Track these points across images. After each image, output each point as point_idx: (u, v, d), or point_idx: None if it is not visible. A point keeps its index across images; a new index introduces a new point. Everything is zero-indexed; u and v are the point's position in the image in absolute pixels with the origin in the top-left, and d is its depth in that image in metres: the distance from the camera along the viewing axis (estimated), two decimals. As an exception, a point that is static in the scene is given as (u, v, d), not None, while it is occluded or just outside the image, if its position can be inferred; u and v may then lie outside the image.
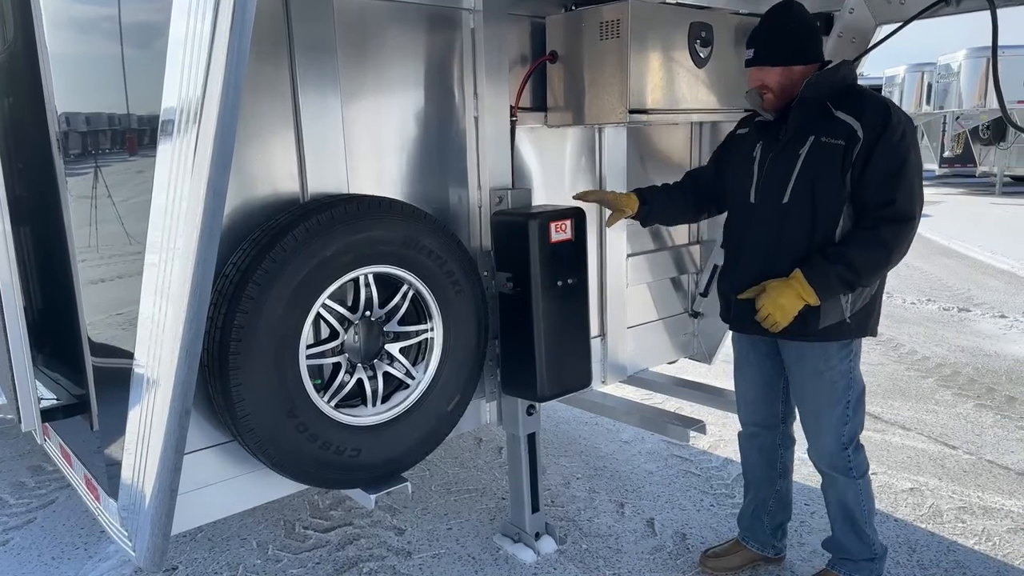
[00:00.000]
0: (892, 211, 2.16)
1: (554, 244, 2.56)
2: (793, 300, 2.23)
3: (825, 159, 2.22)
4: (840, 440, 2.42)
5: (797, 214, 2.27)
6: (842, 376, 2.37)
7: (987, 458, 3.66)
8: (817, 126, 2.24)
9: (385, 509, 3.30)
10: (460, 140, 2.71)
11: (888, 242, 2.18)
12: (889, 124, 2.16)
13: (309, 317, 2.12)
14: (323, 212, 2.11)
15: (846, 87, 2.28)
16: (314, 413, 2.16)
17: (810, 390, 2.43)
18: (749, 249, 2.42)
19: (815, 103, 2.26)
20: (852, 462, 2.45)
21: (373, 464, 2.31)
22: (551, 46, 2.87)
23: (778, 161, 2.33)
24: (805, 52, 2.31)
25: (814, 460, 2.53)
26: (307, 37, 2.24)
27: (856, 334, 2.36)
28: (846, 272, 2.19)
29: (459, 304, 2.44)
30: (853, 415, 2.41)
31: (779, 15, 2.34)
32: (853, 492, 2.48)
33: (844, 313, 2.30)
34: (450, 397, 2.47)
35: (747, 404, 2.70)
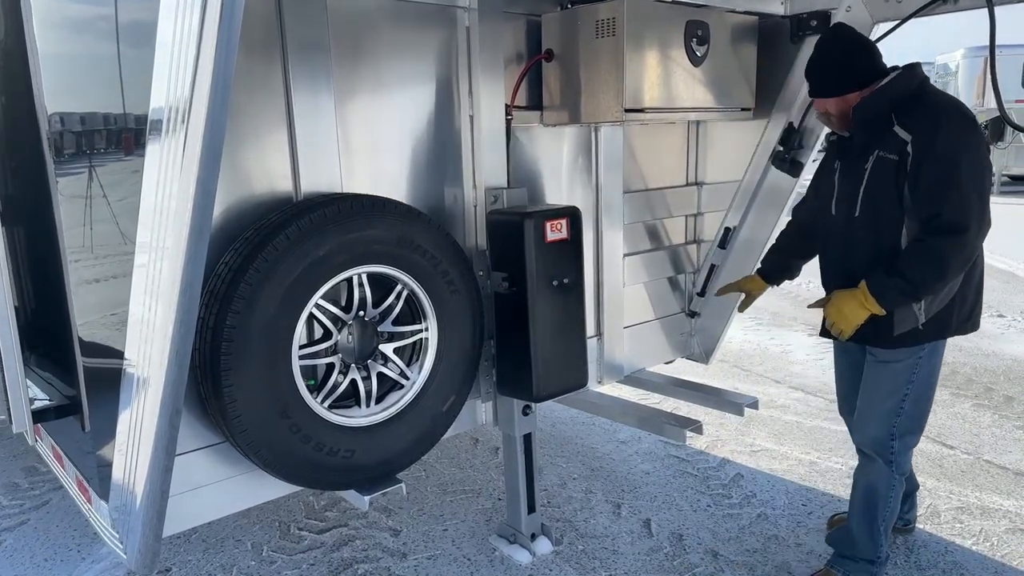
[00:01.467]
0: (939, 223, 2.17)
1: (549, 243, 2.55)
2: (856, 309, 2.30)
3: (884, 174, 2.28)
4: (889, 429, 2.45)
5: (865, 226, 2.36)
6: (905, 369, 2.40)
7: (985, 458, 3.65)
8: (879, 141, 2.29)
9: (380, 510, 3.28)
10: (455, 139, 2.69)
11: (938, 254, 2.17)
12: (937, 135, 2.16)
13: (302, 317, 2.10)
14: (316, 211, 2.09)
15: (910, 95, 2.28)
16: (307, 414, 2.15)
17: (872, 377, 2.48)
18: (830, 259, 2.56)
19: (876, 119, 2.29)
20: (895, 454, 2.47)
21: (367, 465, 2.30)
22: (547, 44, 2.86)
23: (849, 176, 2.41)
24: (857, 78, 2.33)
25: (857, 441, 2.56)
26: (300, 36, 2.22)
27: (935, 337, 2.37)
28: (903, 284, 2.22)
29: (454, 304, 2.43)
30: (909, 410, 2.43)
31: (828, 45, 2.39)
32: (886, 482, 2.49)
33: (918, 320, 2.32)
34: (445, 397, 2.45)
35: (843, 392, 2.79)
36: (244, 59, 2.15)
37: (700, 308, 3.72)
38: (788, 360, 5.34)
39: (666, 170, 3.52)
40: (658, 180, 3.49)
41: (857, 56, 2.36)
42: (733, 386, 4.81)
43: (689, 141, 3.58)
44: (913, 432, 2.49)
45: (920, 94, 2.29)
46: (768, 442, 3.91)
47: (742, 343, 5.78)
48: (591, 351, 3.32)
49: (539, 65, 2.89)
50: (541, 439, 4.02)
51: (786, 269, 2.93)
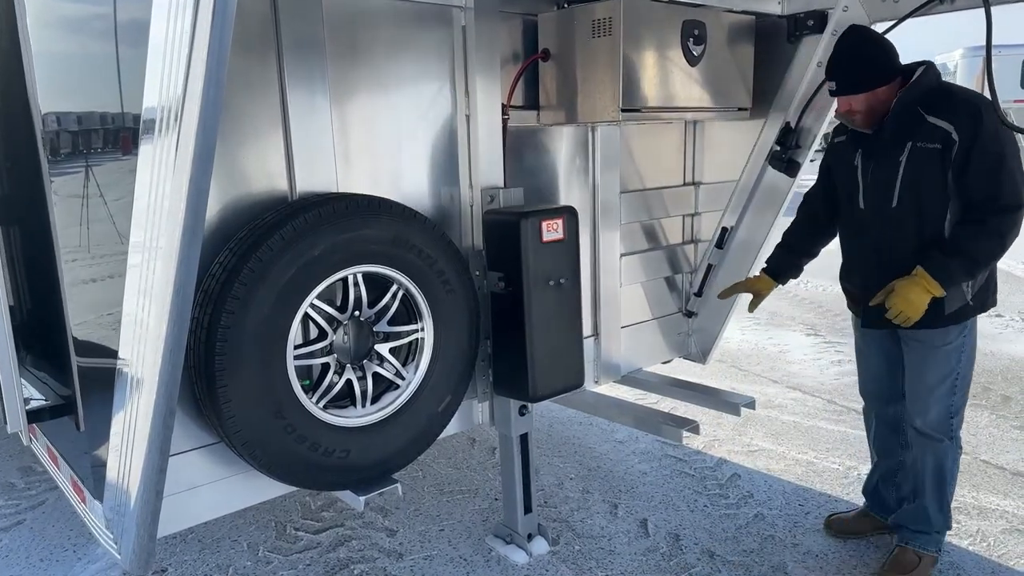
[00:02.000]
0: (999, 204, 2.31)
1: (546, 243, 2.54)
2: (921, 295, 2.37)
3: (925, 163, 2.36)
4: (949, 409, 2.58)
5: (905, 216, 2.43)
6: (955, 350, 2.52)
7: (982, 458, 3.65)
8: (912, 132, 2.38)
9: (377, 510, 3.28)
10: (452, 138, 2.69)
11: (1000, 230, 2.32)
12: (982, 123, 2.27)
13: (296, 317, 2.10)
14: (310, 211, 2.09)
15: (932, 89, 2.41)
16: (302, 414, 2.14)
17: (926, 363, 2.56)
18: (865, 252, 2.59)
19: (907, 112, 2.39)
20: (954, 429, 2.62)
21: (363, 465, 2.29)
22: (543, 44, 2.85)
23: (880, 169, 2.47)
24: (885, 73, 2.42)
25: (919, 426, 2.63)
26: (295, 35, 2.22)
27: (978, 311, 2.51)
28: (966, 263, 2.35)
29: (450, 304, 2.42)
30: (961, 385, 2.57)
31: (852, 42, 2.46)
32: (953, 457, 2.64)
33: (967, 296, 2.45)
34: (441, 398, 2.45)
35: (870, 379, 2.86)
36: (239, 58, 2.16)
37: (697, 308, 3.72)
38: (786, 360, 5.34)
39: (664, 170, 3.52)
40: (656, 180, 3.49)
41: (883, 52, 2.46)
42: (731, 386, 4.81)
43: (687, 141, 3.57)
44: (964, 406, 2.63)
45: (943, 87, 2.43)
46: (766, 442, 3.91)
47: (740, 343, 5.77)
48: (588, 351, 3.32)
49: (536, 65, 2.89)
50: (538, 439, 4.01)
51: (795, 267, 2.97)
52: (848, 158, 2.62)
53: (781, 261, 2.99)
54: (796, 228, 2.96)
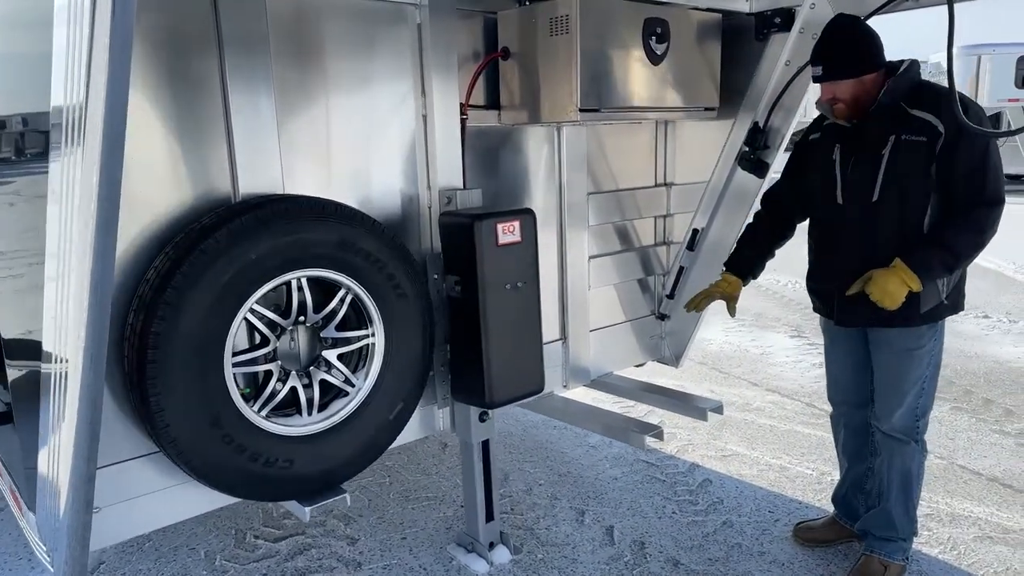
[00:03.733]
0: (983, 197, 2.30)
1: (502, 246, 2.48)
2: (899, 286, 2.34)
3: (909, 156, 2.34)
4: (915, 412, 2.57)
5: (887, 210, 2.40)
6: (927, 353, 2.51)
7: (959, 463, 3.59)
8: (896, 125, 2.36)
9: (340, 518, 3.22)
10: (408, 139, 2.63)
11: (982, 224, 2.31)
12: (967, 117, 2.23)
13: (234, 324, 2.04)
14: (248, 214, 2.03)
15: (915, 85, 2.40)
16: (242, 424, 2.08)
17: (896, 366, 2.54)
18: (842, 248, 2.53)
19: (891, 106, 2.38)
20: (920, 432, 2.60)
21: (307, 476, 2.23)
22: (503, 42, 2.79)
23: (861, 163, 2.43)
24: (873, 61, 2.40)
25: (887, 428, 2.61)
26: (236, 32, 2.16)
27: (950, 312, 2.50)
28: (947, 256, 2.32)
29: (401, 309, 2.36)
30: (928, 387, 2.56)
31: (841, 29, 2.42)
32: (918, 461, 2.62)
33: (941, 295, 2.43)
34: (392, 405, 2.39)
35: (838, 384, 2.82)
36: (177, 56, 2.10)
37: (670, 311, 3.66)
38: (767, 362, 5.28)
39: (634, 171, 3.46)
40: (626, 181, 3.43)
41: (873, 39, 2.43)
42: (710, 389, 4.76)
43: (658, 141, 3.52)
44: (929, 408, 2.61)
45: (925, 84, 2.43)
46: (740, 446, 3.85)
47: (722, 344, 5.72)
48: (556, 355, 3.27)
49: (496, 64, 2.83)
50: (511, 444, 3.96)
51: (758, 266, 2.91)
52: (824, 154, 2.57)
53: (745, 260, 2.91)
54: (759, 226, 2.90)
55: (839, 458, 2.92)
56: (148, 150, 2.07)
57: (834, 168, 2.53)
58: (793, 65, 2.95)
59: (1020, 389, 4.60)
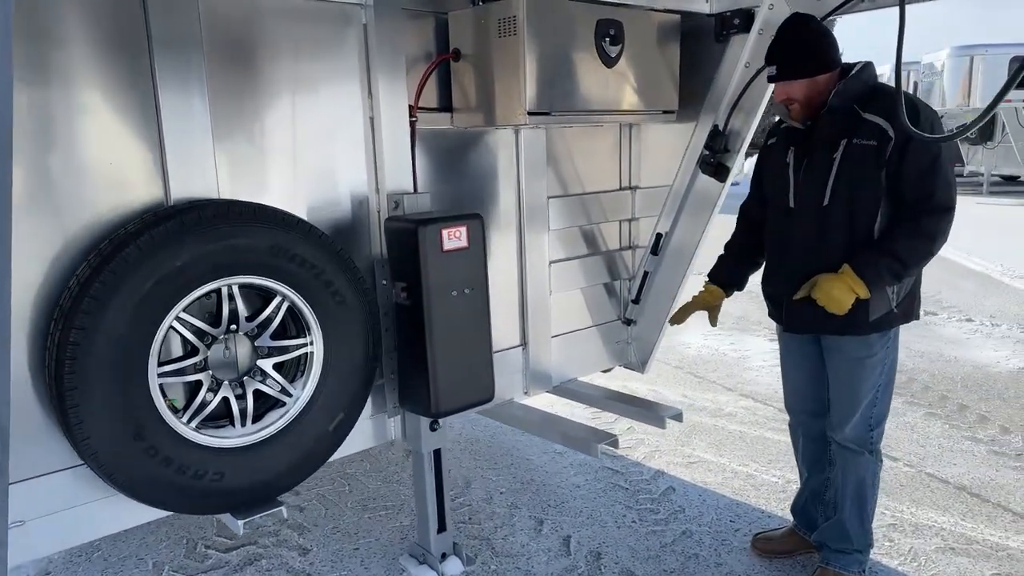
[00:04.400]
0: (932, 203, 2.25)
1: (447, 252, 2.43)
2: (845, 292, 2.30)
3: (859, 160, 2.29)
4: (868, 421, 2.51)
5: (837, 215, 2.35)
6: (879, 362, 2.45)
7: (927, 471, 3.54)
8: (848, 129, 2.32)
9: (294, 527, 3.16)
10: (355, 142, 2.57)
11: (931, 232, 2.26)
12: (918, 122, 2.19)
13: (159, 333, 1.98)
14: (172, 220, 1.97)
15: (870, 88, 2.37)
16: (168, 435, 2.03)
17: (848, 375, 2.49)
18: (791, 251, 2.50)
19: (843, 108, 2.33)
20: (874, 442, 2.55)
21: (239, 488, 2.17)
22: (454, 43, 2.74)
23: (813, 166, 2.40)
24: (827, 61, 2.37)
25: (840, 439, 2.56)
26: (167, 31, 2.10)
27: (902, 321, 2.45)
28: (894, 263, 2.27)
29: (341, 316, 2.31)
30: (882, 397, 2.50)
31: (795, 29, 2.39)
32: (872, 471, 2.56)
33: (891, 304, 2.38)
34: (332, 416, 2.34)
35: (795, 393, 2.77)
36: (105, 57, 2.04)
37: (635, 316, 3.60)
38: (743, 367, 5.22)
39: (598, 174, 3.40)
40: (589, 184, 3.37)
41: (826, 39, 2.40)
42: (683, 394, 4.71)
43: (622, 144, 3.46)
44: (884, 418, 2.55)
45: (880, 87, 2.39)
46: (707, 453, 3.80)
47: (700, 348, 5.66)
48: (516, 361, 3.22)
49: (447, 65, 2.77)
50: (476, 450, 3.90)
51: (739, 277, 2.86)
52: (780, 157, 2.54)
53: (725, 271, 2.87)
54: (737, 238, 2.86)
55: (799, 467, 2.87)
56: (74, 155, 2.02)
57: (787, 171, 2.50)
58: (752, 67, 2.90)
59: (996, 395, 4.55)
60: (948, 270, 8.37)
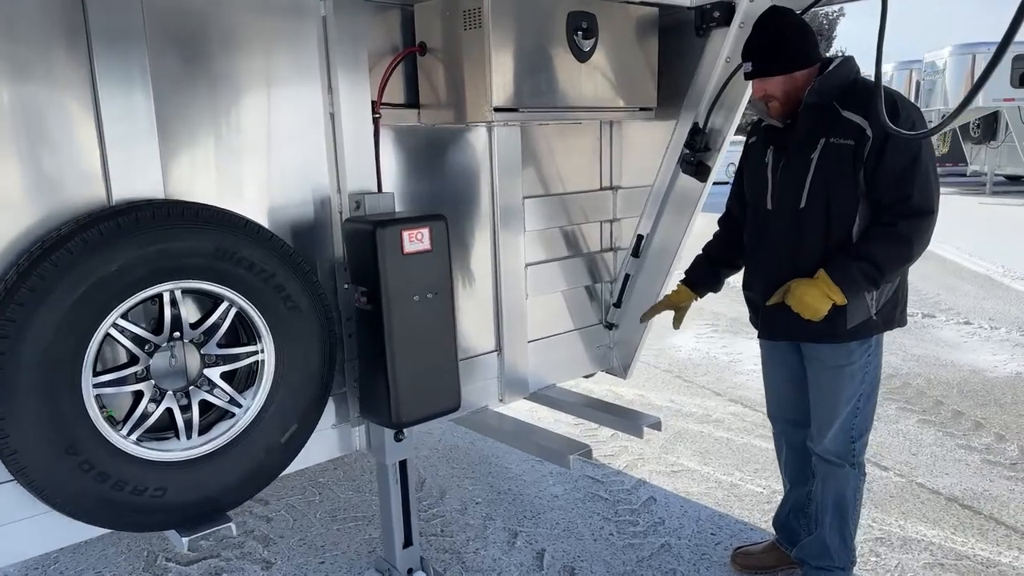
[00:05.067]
0: (909, 206, 2.14)
1: (408, 255, 2.31)
2: (820, 298, 2.19)
3: (836, 160, 2.19)
4: (850, 433, 2.40)
5: (814, 217, 2.26)
6: (860, 370, 2.35)
7: (918, 481, 3.42)
8: (826, 128, 2.22)
9: (259, 539, 3.05)
10: (313, 140, 2.46)
11: (909, 236, 2.15)
12: (897, 119, 2.08)
13: (93, 341, 1.87)
14: (107, 222, 1.86)
15: (850, 84, 2.25)
16: (104, 449, 1.92)
17: (827, 384, 2.39)
18: (768, 254, 2.41)
19: (821, 106, 2.23)
20: (857, 455, 2.43)
21: (183, 504, 2.06)
22: (420, 36, 2.62)
23: (790, 167, 2.30)
24: (805, 56, 2.27)
25: (819, 451, 2.46)
26: (105, 24, 1.99)
27: (883, 328, 2.34)
28: (870, 269, 2.16)
29: (294, 323, 2.19)
30: (863, 407, 2.39)
31: (771, 23, 2.29)
32: (854, 486, 2.45)
33: (871, 311, 2.28)
34: (284, 427, 2.22)
35: (776, 402, 2.68)
36: (41, 51, 1.93)
37: (617, 319, 3.49)
38: (734, 371, 5.10)
39: (577, 173, 3.29)
40: (568, 184, 3.25)
41: (805, 34, 2.29)
42: (670, 398, 4.59)
43: (603, 143, 3.35)
44: (867, 429, 2.45)
45: (861, 82, 2.27)
46: (692, 461, 3.68)
47: (691, 352, 5.55)
48: (491, 367, 3.10)
49: (414, 60, 2.66)
50: (455, 457, 3.79)
51: (714, 278, 2.77)
52: (759, 157, 2.44)
53: (698, 272, 2.79)
54: (715, 238, 2.77)
55: (782, 479, 2.75)
56: (4, 154, 1.91)
57: (766, 171, 2.39)
58: (733, 62, 2.78)
59: (992, 400, 4.42)
60: (948, 271, 8.24)
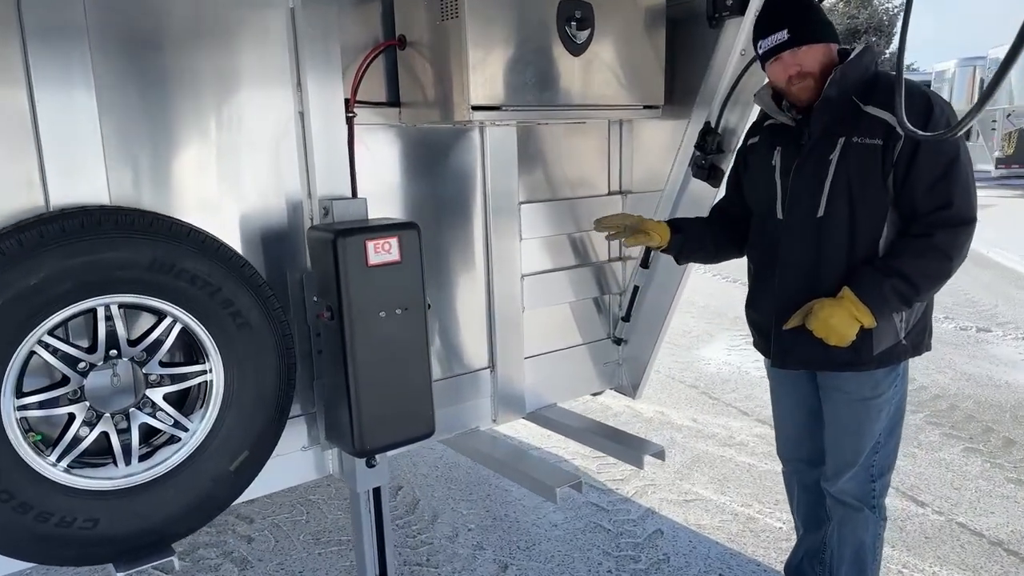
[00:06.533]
0: (948, 215, 1.90)
1: (373, 267, 2.12)
2: (846, 321, 1.93)
3: (861, 163, 1.94)
4: (870, 472, 2.15)
5: (835, 227, 2.00)
6: (886, 403, 2.09)
7: (959, 520, 3.08)
8: (847, 125, 1.96)
9: (237, 562, 2.90)
10: (279, 141, 2.28)
11: (947, 248, 1.91)
12: (932, 116, 1.88)
13: (14, 360, 1.72)
14: (29, 231, 1.71)
15: (871, 77, 2.00)
16: (26, 477, 1.76)
17: (850, 419, 2.12)
18: (781, 272, 2.12)
19: (838, 100, 1.97)
20: (877, 496, 2.18)
21: (116, 537, 1.90)
22: (400, 29, 2.42)
23: (805, 170, 2.04)
24: (833, 28, 2.04)
25: (835, 491, 2.21)
26: (42, 20, 1.84)
27: (911, 354, 2.09)
28: (903, 286, 1.91)
29: (244, 341, 2.02)
30: (886, 443, 2.13)
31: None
32: (874, 531, 2.20)
33: (900, 334, 2.03)
34: (234, 454, 2.04)
35: (787, 439, 2.42)
36: (-33, 46, 1.80)
37: (626, 335, 3.23)
38: (765, 387, 4.73)
39: (582, 177, 3.05)
40: (571, 188, 3.02)
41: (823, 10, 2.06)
42: (692, 417, 4.30)
43: (611, 144, 3.10)
44: (891, 466, 2.20)
45: (880, 76, 2.02)
46: (707, 489, 3.40)
47: (720, 365, 5.23)
48: (483, 385, 2.89)
49: (394, 55, 2.46)
50: (453, 477, 3.59)
51: (702, 240, 2.43)
52: (764, 160, 2.17)
53: (688, 221, 2.50)
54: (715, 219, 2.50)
55: (795, 522, 2.47)
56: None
57: (774, 175, 2.11)
58: (748, 55, 2.51)
59: (1050, 428, 4.02)
60: (1010, 281, 7.70)
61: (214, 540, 3.03)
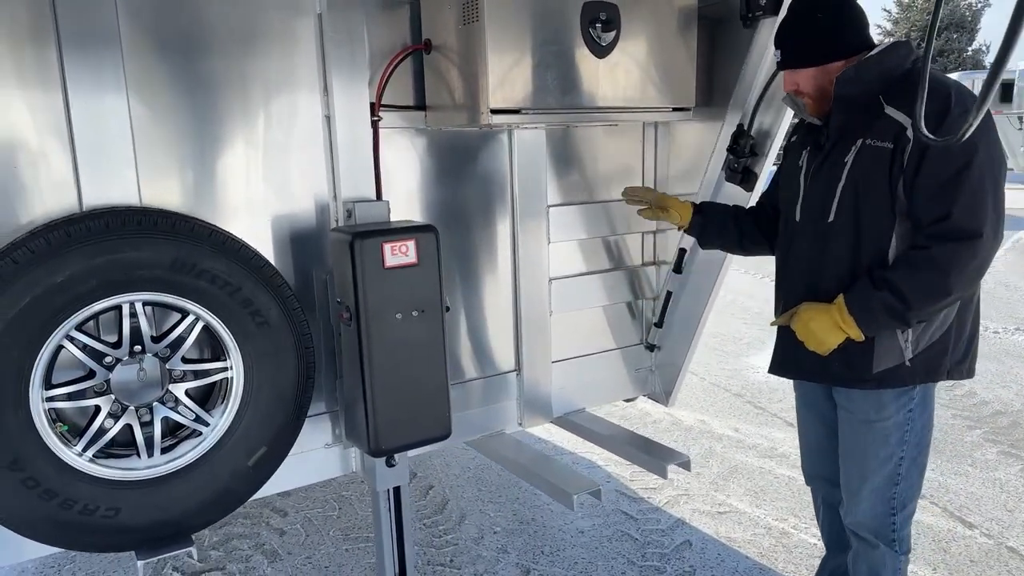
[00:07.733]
0: (947, 227, 1.74)
1: (390, 269, 2.14)
2: (827, 327, 1.84)
3: (873, 167, 1.82)
4: (888, 503, 2.00)
5: (841, 234, 1.90)
6: (896, 428, 1.94)
7: (1009, 544, 2.91)
8: (865, 127, 1.85)
9: (267, 554, 2.97)
10: (307, 144, 2.33)
11: (943, 264, 1.74)
12: (946, 116, 1.71)
13: (42, 353, 1.80)
14: (57, 231, 1.79)
15: (901, 75, 1.84)
16: (53, 465, 1.85)
17: (856, 441, 2.01)
18: (791, 277, 2.08)
19: (860, 100, 1.85)
20: (897, 530, 2.02)
21: (136, 526, 1.97)
22: (427, 33, 2.44)
23: (822, 173, 1.96)
24: (843, 45, 1.90)
25: (850, 523, 2.08)
26: (77, 25, 1.93)
27: (922, 379, 1.92)
28: (892, 301, 1.77)
29: (264, 339, 2.06)
30: (907, 473, 1.98)
31: (804, 5, 1.96)
32: (892, 567, 2.04)
33: (904, 354, 1.88)
34: (252, 450, 2.09)
35: (809, 455, 2.32)
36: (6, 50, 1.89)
37: (659, 341, 3.18)
38: (812, 398, 4.62)
39: (614, 180, 3.00)
40: (603, 192, 2.98)
41: (845, 18, 1.90)
42: (734, 427, 4.19)
43: (645, 146, 3.05)
44: (913, 498, 2.03)
45: (913, 74, 1.83)
46: (742, 501, 3.31)
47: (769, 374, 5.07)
48: (510, 388, 2.88)
49: (420, 59, 2.48)
50: (484, 478, 3.59)
51: (724, 226, 2.39)
52: (794, 159, 2.10)
53: (713, 205, 2.48)
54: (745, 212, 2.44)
55: (823, 539, 2.38)
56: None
57: (799, 176, 2.04)
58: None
59: (1122, 450, 3.76)
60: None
61: (248, 532, 3.11)
